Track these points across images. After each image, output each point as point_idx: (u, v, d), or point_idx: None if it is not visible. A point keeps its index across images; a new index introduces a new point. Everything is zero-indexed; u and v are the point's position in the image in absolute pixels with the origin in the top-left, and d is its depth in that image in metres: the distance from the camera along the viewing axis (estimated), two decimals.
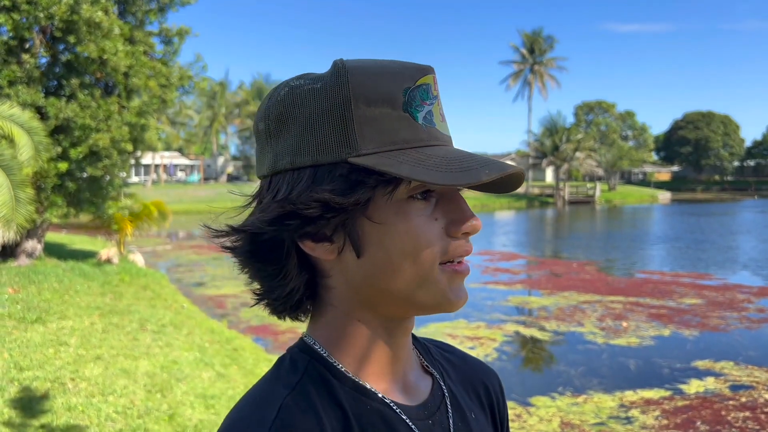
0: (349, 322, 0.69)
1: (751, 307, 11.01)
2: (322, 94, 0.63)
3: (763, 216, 36.16)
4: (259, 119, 0.69)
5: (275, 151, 0.66)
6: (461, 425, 0.74)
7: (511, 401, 6.42)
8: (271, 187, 0.66)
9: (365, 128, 0.62)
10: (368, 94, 0.63)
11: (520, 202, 49.93)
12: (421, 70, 0.67)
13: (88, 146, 9.98)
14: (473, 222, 0.66)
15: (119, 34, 10.40)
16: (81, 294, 8.71)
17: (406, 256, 0.64)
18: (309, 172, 0.63)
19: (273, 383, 0.67)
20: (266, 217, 0.64)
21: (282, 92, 0.67)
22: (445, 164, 0.62)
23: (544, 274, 15.31)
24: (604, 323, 9.78)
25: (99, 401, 4.75)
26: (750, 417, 6.00)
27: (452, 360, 0.84)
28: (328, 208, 0.62)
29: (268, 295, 0.70)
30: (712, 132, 78.69)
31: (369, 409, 0.67)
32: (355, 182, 0.62)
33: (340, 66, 0.64)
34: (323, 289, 0.70)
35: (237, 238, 0.68)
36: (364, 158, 0.62)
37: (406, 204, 0.64)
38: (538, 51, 62.94)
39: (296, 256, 0.67)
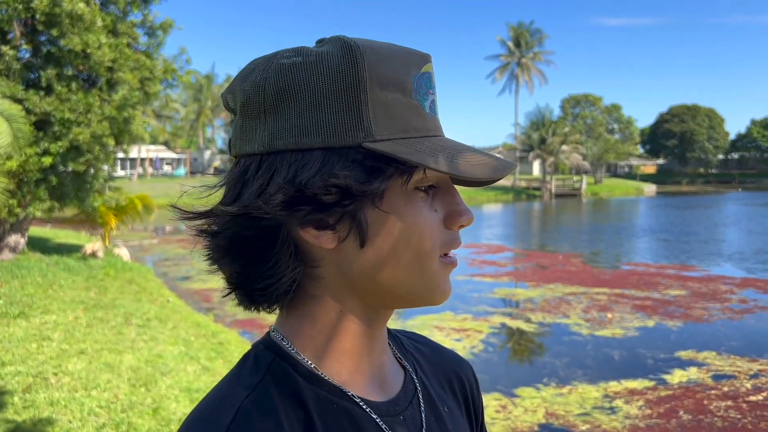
0: (330, 314, 0.66)
1: (733, 298, 11.13)
2: (332, 72, 0.59)
3: (747, 208, 36.54)
4: (244, 92, 0.62)
5: (271, 129, 0.60)
6: (433, 419, 0.72)
7: (496, 392, 6.46)
8: (263, 168, 0.60)
9: (379, 113, 0.59)
10: (381, 78, 0.60)
11: (507, 195, 50.10)
12: (424, 57, 0.65)
13: (69, 141, 9.87)
14: (469, 215, 0.66)
15: (102, 26, 10.28)
16: (65, 288, 8.64)
17: (411, 246, 0.62)
18: (318, 154, 0.59)
19: (233, 384, 0.64)
20: (274, 201, 0.58)
21: (281, 65, 0.61)
22: (460, 156, 0.61)
23: (530, 266, 15.38)
24: (589, 315, 9.85)
25: (82, 396, 4.72)
26: (732, 406, 6.07)
27: (425, 351, 0.82)
28: (348, 194, 0.58)
29: (249, 285, 0.64)
30: (697, 125, 79.31)
31: (335, 409, 0.64)
32: (372, 169, 0.59)
33: (352, 44, 0.60)
34: (307, 279, 0.65)
35: (220, 221, 0.63)
36: (381, 144, 0.59)
37: (413, 194, 0.63)
38: (524, 45, 63.04)
39: (292, 244, 0.62)
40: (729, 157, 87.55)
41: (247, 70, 0.64)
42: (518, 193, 51.77)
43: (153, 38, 12.05)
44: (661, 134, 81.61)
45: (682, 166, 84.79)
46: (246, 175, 0.62)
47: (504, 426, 5.63)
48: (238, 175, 0.63)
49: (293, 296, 0.66)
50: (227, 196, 0.63)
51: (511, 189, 52.84)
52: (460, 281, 12.93)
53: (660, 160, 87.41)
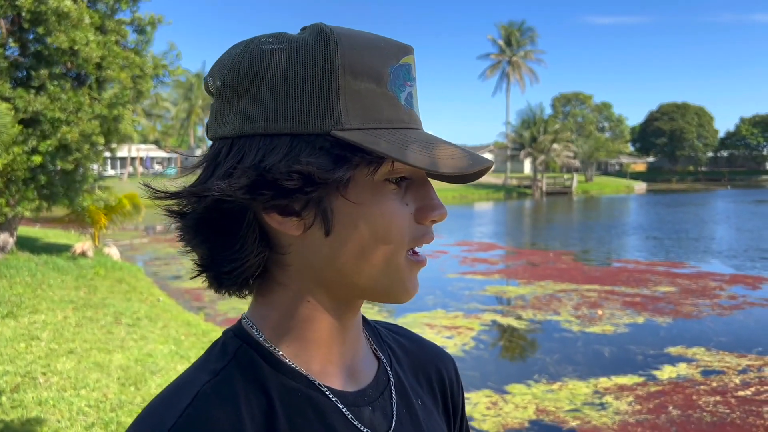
0: (297, 303, 0.65)
1: (722, 294, 11.21)
2: (305, 58, 0.59)
3: (736, 205, 36.78)
4: (221, 75, 0.63)
5: (243, 113, 0.60)
6: (405, 412, 0.72)
7: (487, 389, 6.48)
8: (233, 152, 0.60)
9: (350, 102, 0.59)
10: (355, 67, 0.59)
11: (499, 194, 50.23)
12: (404, 49, 0.64)
13: (58, 139, 9.80)
14: (441, 210, 0.65)
15: (90, 23, 10.21)
16: (54, 288, 8.59)
17: (377, 239, 0.62)
18: (285, 140, 0.58)
19: (198, 370, 0.64)
20: (237, 184, 0.58)
21: (256, 49, 0.61)
22: (431, 150, 0.60)
23: (521, 263, 15.43)
24: (579, 311, 9.89)
25: (71, 395, 4.69)
26: (720, 401, 6.11)
27: (404, 344, 0.81)
28: (310, 181, 0.58)
29: (216, 268, 0.64)
30: (687, 123, 79.77)
31: (299, 397, 0.64)
32: (339, 157, 0.58)
33: (327, 31, 0.60)
34: (275, 266, 0.65)
35: (189, 203, 0.63)
36: (349, 133, 0.58)
37: (382, 186, 0.62)
38: (515, 43, 63.17)
39: (257, 229, 0.62)
40: (718, 155, 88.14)
41: (226, 54, 0.64)
42: (509, 191, 51.90)
43: (142, 35, 11.98)
44: (651, 132, 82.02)
45: (672, 164, 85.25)
46: (218, 157, 0.62)
47: (495, 422, 5.64)
48: (211, 158, 0.63)
49: (262, 283, 0.66)
50: (199, 178, 0.63)
51: (502, 187, 52.97)
52: (452, 279, 12.96)
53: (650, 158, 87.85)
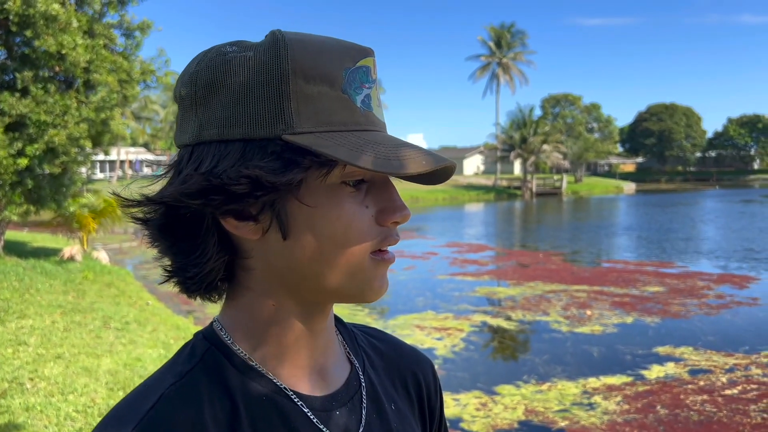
0: (264, 307, 0.66)
1: (710, 294, 11.29)
2: (258, 65, 0.59)
3: (724, 205, 37.04)
4: (183, 84, 0.64)
5: (200, 120, 0.62)
6: (375, 416, 0.72)
7: (476, 390, 6.50)
8: (192, 158, 0.62)
9: (302, 106, 0.59)
10: (307, 71, 0.60)
11: (489, 195, 50.35)
12: (362, 51, 0.64)
13: (45, 143, 9.74)
14: (404, 212, 0.65)
15: (77, 26, 10.16)
16: (42, 292, 8.53)
17: (335, 243, 0.62)
18: (238, 145, 0.59)
19: (164, 372, 0.65)
20: (188, 190, 0.59)
21: (213, 58, 0.62)
22: (383, 151, 0.60)
23: (511, 264, 15.48)
24: (568, 312, 9.93)
25: (59, 400, 4.67)
26: (708, 400, 6.16)
27: (380, 348, 0.81)
28: (258, 185, 0.58)
29: (182, 273, 0.65)
30: (675, 124, 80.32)
31: (264, 401, 0.64)
32: (289, 161, 0.59)
33: (279, 37, 0.60)
34: (241, 271, 0.66)
35: (151, 210, 0.64)
36: (300, 137, 0.59)
37: (338, 189, 0.62)
38: (505, 45, 63.37)
39: (217, 234, 0.63)
40: (706, 155, 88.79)
41: (189, 64, 0.65)
42: (499, 192, 52.04)
43: (130, 39, 11.93)
44: (639, 133, 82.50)
45: (661, 165, 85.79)
46: (180, 164, 0.63)
47: (484, 423, 5.66)
48: (174, 165, 0.64)
49: (231, 286, 0.68)
50: (164, 185, 0.65)
51: (492, 188, 53.11)
52: (442, 280, 12.99)
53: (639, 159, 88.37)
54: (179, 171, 0.63)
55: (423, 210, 35.82)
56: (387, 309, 10.60)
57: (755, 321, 9.44)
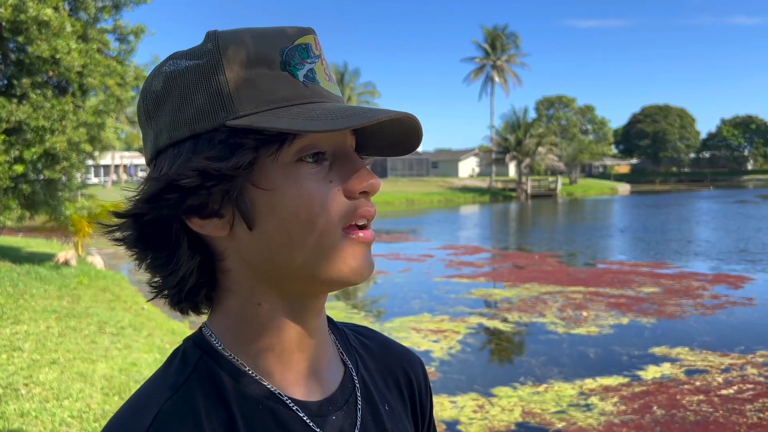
0: (249, 308, 0.64)
1: (705, 294, 11.32)
2: (194, 65, 0.61)
3: (718, 206, 37.18)
4: (138, 105, 0.66)
5: (155, 132, 0.63)
6: (370, 418, 0.71)
7: (473, 392, 6.49)
8: (155, 169, 0.63)
9: (242, 90, 0.59)
10: (242, 57, 0.60)
11: (484, 197, 50.44)
12: (301, 30, 0.64)
13: (44, 148, 9.71)
14: (371, 180, 0.63)
15: (71, 31, 10.14)
16: (37, 298, 8.49)
17: (301, 223, 0.60)
18: (189, 144, 0.60)
19: (158, 384, 0.63)
20: (144, 195, 0.60)
21: (157, 71, 0.65)
22: (326, 114, 0.58)
23: (507, 266, 15.49)
24: (564, 313, 9.94)
25: (54, 406, 4.64)
26: (704, 400, 6.17)
27: (371, 347, 0.81)
28: (207, 175, 0.58)
29: (164, 285, 0.65)
30: (669, 125, 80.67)
31: (261, 409, 0.63)
32: (235, 145, 0.59)
33: (212, 34, 0.62)
34: (221, 274, 0.65)
35: (125, 227, 0.64)
36: (242, 119, 0.58)
37: (295, 167, 0.61)
38: (500, 47, 63.51)
39: (187, 239, 0.63)
40: (700, 156, 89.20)
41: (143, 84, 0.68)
42: (494, 194, 52.12)
43: (124, 44, 11.91)
44: (634, 134, 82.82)
45: (655, 166, 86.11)
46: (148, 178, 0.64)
47: (481, 426, 5.66)
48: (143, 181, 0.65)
49: (215, 292, 0.67)
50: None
51: (487, 190, 53.19)
52: (438, 282, 12.98)
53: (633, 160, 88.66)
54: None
55: (418, 212, 35.84)
56: (383, 311, 10.60)
57: (750, 321, 9.47)
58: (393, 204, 42.53)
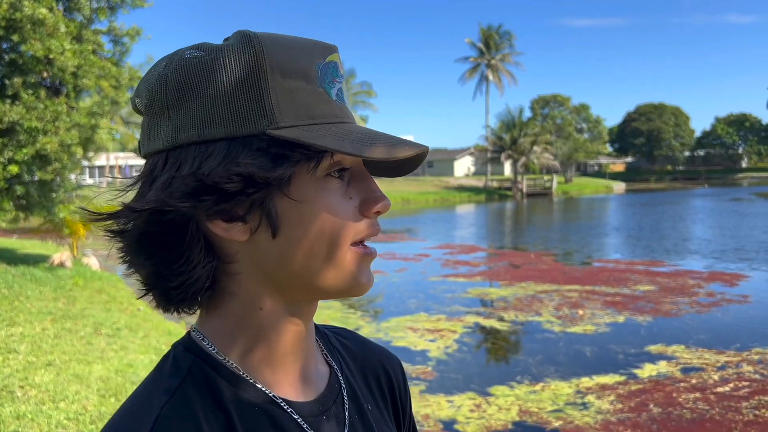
0: (252, 313, 0.64)
1: (701, 292, 11.36)
2: (233, 64, 0.59)
3: (713, 204, 37.29)
4: (150, 90, 0.62)
5: (175, 124, 0.60)
6: (357, 417, 0.72)
7: (470, 391, 6.50)
8: (169, 164, 0.60)
9: (282, 100, 0.59)
10: (283, 66, 0.60)
11: (480, 196, 50.47)
12: (329, 48, 0.65)
13: (36, 149, 9.67)
14: (385, 201, 0.65)
15: (65, 32, 10.10)
16: (32, 299, 8.46)
17: (323, 235, 0.62)
18: (222, 145, 0.58)
19: (152, 389, 0.62)
20: (178, 192, 0.57)
21: (180, 61, 0.61)
22: (367, 139, 0.60)
23: (503, 265, 15.50)
24: (560, 312, 9.96)
25: (50, 408, 4.63)
26: (700, 398, 6.19)
27: (351, 347, 0.82)
28: (251, 182, 0.58)
29: (164, 284, 0.63)
30: (664, 123, 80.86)
31: (257, 412, 0.63)
32: (277, 156, 0.58)
33: (251, 36, 0.60)
34: (224, 276, 0.64)
35: (128, 220, 0.61)
36: (285, 131, 0.58)
37: (324, 181, 0.62)
38: (494, 47, 63.57)
39: (203, 240, 0.62)
40: (695, 154, 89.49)
41: (150, 71, 0.64)
42: (490, 193, 52.16)
43: (119, 46, 11.88)
44: (629, 133, 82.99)
45: (650, 164, 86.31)
46: (154, 172, 0.61)
47: (478, 425, 5.66)
48: (146, 174, 0.62)
49: (212, 295, 0.65)
50: (137, 195, 0.63)
51: (483, 190, 53.23)
52: (434, 282, 12.99)
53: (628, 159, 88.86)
54: (153, 179, 0.61)
55: (414, 212, 35.85)
56: (379, 311, 10.60)
57: (746, 318, 9.50)
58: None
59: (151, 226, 0.60)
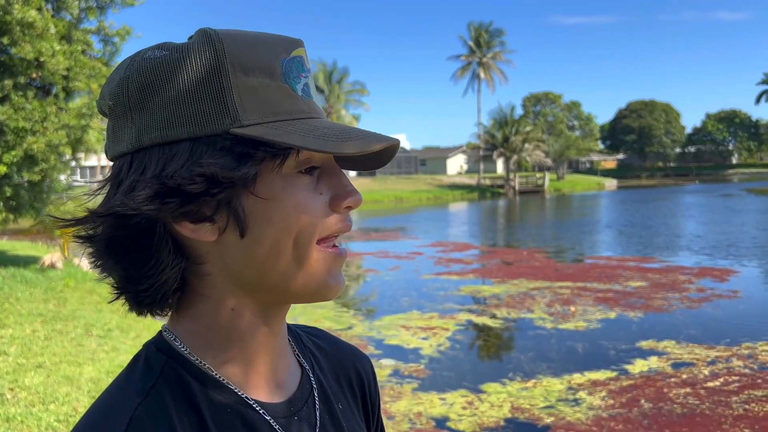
0: (221, 313, 0.64)
1: (691, 288, 11.41)
2: (193, 63, 0.58)
3: (704, 200, 37.49)
4: (111, 93, 0.62)
5: (138, 126, 0.59)
6: (328, 417, 0.73)
7: (462, 389, 6.51)
8: (134, 166, 0.59)
9: (245, 98, 0.58)
10: (245, 64, 0.59)
11: (473, 194, 50.53)
12: (294, 42, 0.64)
13: (23, 150, 9.61)
14: (356, 196, 0.65)
15: (55, 32, 10.04)
16: (22, 301, 8.42)
17: (291, 232, 0.61)
18: (185, 146, 0.58)
19: (124, 390, 0.61)
20: (141, 196, 0.57)
21: (142, 62, 0.60)
22: (334, 134, 0.60)
23: (495, 262, 15.53)
24: (552, 309, 9.99)
25: (39, 410, 4.60)
26: (690, 393, 6.22)
27: (323, 347, 0.82)
28: (215, 183, 0.57)
29: (134, 287, 0.62)
30: (655, 120, 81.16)
31: (230, 413, 0.63)
32: (241, 155, 0.58)
33: (212, 34, 0.60)
34: (195, 278, 0.64)
35: (95, 225, 0.61)
36: (249, 129, 0.58)
37: (293, 178, 0.61)
38: (485, 44, 63.62)
39: (170, 241, 0.61)
40: (686, 151, 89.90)
41: (113, 73, 0.64)
42: (483, 191, 52.24)
43: (109, 46, 11.80)
44: (620, 130, 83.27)
45: (642, 161, 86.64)
46: (120, 175, 0.61)
47: (471, 422, 5.67)
48: (113, 177, 0.62)
49: (183, 296, 0.65)
50: (104, 200, 0.62)
51: (476, 187, 53.31)
52: (427, 280, 13.01)
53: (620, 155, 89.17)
54: (119, 182, 0.61)
55: (407, 210, 35.88)
56: (372, 310, 10.60)
57: (736, 313, 9.56)
58: (382, 202, 42.56)
59: (118, 230, 0.60)
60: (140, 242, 0.60)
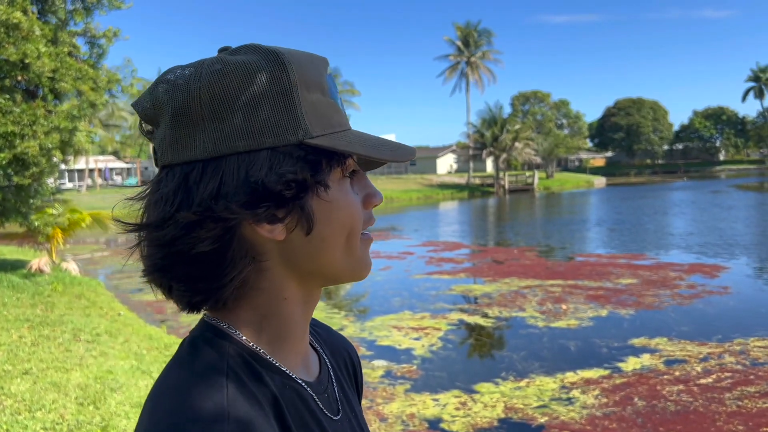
0: (276, 303, 0.70)
1: (682, 284, 11.45)
2: (267, 78, 0.64)
3: (692, 196, 37.70)
4: (177, 99, 0.64)
5: (214, 135, 0.63)
6: (342, 396, 0.79)
7: (455, 389, 6.48)
8: (208, 173, 0.63)
9: (310, 112, 0.66)
10: (307, 81, 0.66)
11: (462, 193, 50.59)
12: (326, 61, 0.72)
13: (13, 153, 9.48)
14: (381, 195, 0.75)
15: (41, 34, 9.92)
16: (9, 307, 8.31)
17: (344, 228, 0.69)
18: (264, 154, 0.63)
19: (199, 369, 0.63)
20: (238, 201, 0.62)
21: (210, 72, 0.64)
22: (380, 144, 0.70)
23: (486, 261, 15.53)
24: (544, 307, 9.98)
25: (26, 418, 4.52)
26: (683, 390, 6.22)
27: (322, 334, 0.88)
28: (303, 188, 0.64)
29: (206, 285, 0.66)
30: (643, 118, 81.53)
31: (288, 389, 0.69)
32: (315, 162, 0.65)
33: (277, 51, 0.66)
34: (254, 273, 0.68)
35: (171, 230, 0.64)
36: (318, 140, 0.65)
37: (344, 182, 0.70)
38: (473, 44, 63.68)
39: (244, 242, 0.66)
40: (674, 148, 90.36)
41: (172, 81, 0.66)
42: (473, 190, 52.30)
43: (95, 48, 11.70)
44: (608, 128, 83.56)
45: (630, 158, 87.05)
46: (188, 182, 0.64)
47: (464, 423, 5.64)
48: (177, 184, 0.64)
49: (238, 290, 0.68)
50: (171, 206, 0.64)
51: (465, 186, 53.36)
52: (418, 279, 12.97)
53: (608, 153, 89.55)
54: (188, 189, 0.63)
55: (397, 210, 35.85)
56: (363, 310, 10.56)
57: (727, 309, 9.59)
58: None
59: (201, 234, 0.63)
60: (220, 245, 0.64)
